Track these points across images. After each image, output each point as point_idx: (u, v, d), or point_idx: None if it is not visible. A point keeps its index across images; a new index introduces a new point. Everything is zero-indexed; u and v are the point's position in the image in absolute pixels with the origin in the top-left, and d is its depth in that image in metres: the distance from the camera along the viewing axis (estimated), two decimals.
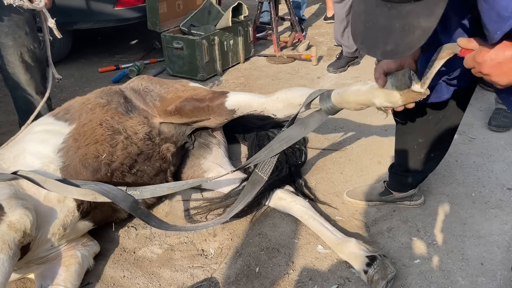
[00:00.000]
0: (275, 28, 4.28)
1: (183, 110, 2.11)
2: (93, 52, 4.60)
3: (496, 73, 1.08)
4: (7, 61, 2.05)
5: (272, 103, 1.92)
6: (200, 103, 2.08)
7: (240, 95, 2.05)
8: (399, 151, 1.93)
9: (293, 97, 1.83)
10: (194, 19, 3.98)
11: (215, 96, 2.08)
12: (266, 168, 1.87)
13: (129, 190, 1.83)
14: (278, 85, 3.58)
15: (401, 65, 1.40)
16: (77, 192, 1.73)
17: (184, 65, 3.74)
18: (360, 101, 1.53)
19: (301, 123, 1.75)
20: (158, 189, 1.90)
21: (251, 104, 1.99)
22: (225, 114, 2.06)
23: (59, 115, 2.05)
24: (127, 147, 1.98)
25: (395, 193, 2.06)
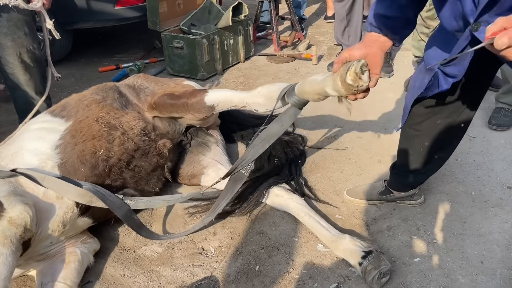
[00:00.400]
0: (275, 27, 4.28)
1: (161, 105, 2.12)
2: (94, 52, 4.60)
3: None
4: (6, 61, 2.05)
5: (252, 98, 1.91)
6: (178, 99, 2.09)
7: (220, 92, 2.06)
8: (404, 152, 1.92)
9: (272, 91, 1.80)
10: (194, 18, 3.98)
11: (194, 93, 2.08)
12: (248, 165, 1.85)
13: (125, 199, 1.84)
14: None
15: (365, 53, 1.38)
16: (75, 192, 1.73)
17: (184, 65, 3.74)
18: (315, 90, 1.49)
19: (278, 120, 1.71)
20: (153, 201, 1.91)
21: (232, 99, 1.98)
22: (204, 110, 2.05)
23: (56, 112, 2.04)
24: (124, 143, 1.98)
25: (396, 193, 2.06)
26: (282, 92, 1.70)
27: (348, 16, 3.58)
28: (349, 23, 3.61)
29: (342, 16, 3.60)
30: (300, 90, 1.58)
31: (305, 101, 1.63)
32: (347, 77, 1.30)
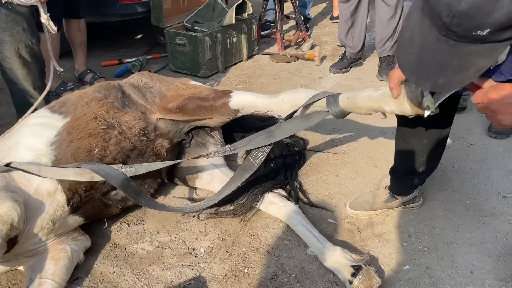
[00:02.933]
0: (279, 26, 4.26)
1: (185, 108, 2.11)
2: (97, 46, 4.61)
3: (502, 112, 1.14)
4: (4, 56, 2.06)
5: (277, 104, 1.93)
6: (204, 102, 2.08)
7: (244, 95, 2.05)
8: (402, 154, 1.92)
9: (298, 99, 1.84)
10: (198, 15, 3.98)
11: (219, 95, 2.07)
12: (259, 155, 1.86)
13: (124, 167, 1.82)
14: (279, 85, 3.57)
15: None
16: (73, 172, 1.73)
17: (187, 62, 3.74)
18: (371, 107, 1.54)
19: (305, 117, 1.74)
20: (153, 165, 1.89)
21: (256, 104, 2.00)
22: (228, 113, 2.06)
23: (55, 108, 2.05)
24: (120, 142, 1.98)
25: (400, 198, 2.05)
26: (312, 99, 1.71)
27: (352, 17, 3.56)
28: (353, 24, 3.59)
29: (346, 17, 3.58)
30: (351, 105, 1.60)
31: (348, 113, 1.65)
32: (424, 102, 1.32)
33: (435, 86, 1.09)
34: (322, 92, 1.75)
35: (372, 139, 2.68)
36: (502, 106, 1.14)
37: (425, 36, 1.04)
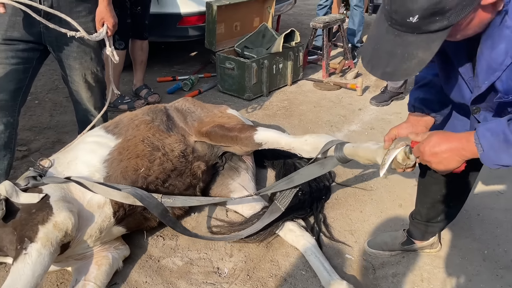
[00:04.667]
0: (326, 54, 4.41)
1: (213, 134, 2.35)
2: (155, 61, 4.95)
3: (434, 162, 1.30)
4: (73, 80, 2.37)
5: (299, 144, 2.12)
6: (230, 132, 2.30)
7: (269, 132, 2.25)
8: (422, 201, 2.01)
9: (319, 142, 2.03)
10: (249, 41, 4.21)
11: (245, 128, 2.29)
12: (284, 200, 2.11)
13: (164, 197, 2.08)
14: (318, 113, 3.71)
15: (412, 131, 1.53)
16: (119, 195, 1.99)
17: (234, 84, 3.98)
18: (367, 157, 1.70)
19: (321, 163, 1.94)
20: (189, 200, 2.15)
21: (279, 141, 2.19)
22: (251, 145, 2.27)
23: (109, 128, 2.33)
24: (163, 163, 2.22)
25: (417, 242, 2.13)
26: (326, 146, 1.93)
27: None
28: None
29: None
30: (352, 152, 1.80)
31: (349, 160, 1.85)
32: (398, 156, 1.48)
33: (385, 74, 1.21)
34: (337, 139, 1.96)
35: (400, 178, 2.76)
36: (431, 157, 1.29)
37: (379, 28, 1.19)
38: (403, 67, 1.15)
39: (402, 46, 1.13)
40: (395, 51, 1.14)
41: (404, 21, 1.09)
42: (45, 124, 3.48)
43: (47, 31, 2.16)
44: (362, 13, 4.79)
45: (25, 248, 1.68)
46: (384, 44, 1.17)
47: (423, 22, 1.07)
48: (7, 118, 2.20)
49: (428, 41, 1.11)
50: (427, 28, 1.08)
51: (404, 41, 1.13)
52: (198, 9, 3.98)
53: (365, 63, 1.25)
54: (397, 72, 1.17)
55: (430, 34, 1.09)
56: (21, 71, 2.20)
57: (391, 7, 1.10)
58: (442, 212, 1.96)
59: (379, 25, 1.19)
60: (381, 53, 1.18)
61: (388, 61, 1.17)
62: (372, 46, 1.21)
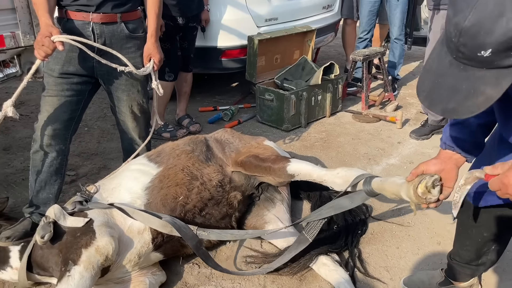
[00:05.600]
0: (365, 87, 4.43)
1: (247, 164, 2.41)
2: (197, 91, 5.13)
3: None
4: (120, 110, 2.52)
5: (331, 177, 2.14)
6: (263, 162, 2.36)
7: (302, 164, 2.28)
8: (461, 242, 1.95)
9: (351, 176, 2.03)
10: (288, 73, 4.30)
11: (278, 159, 2.34)
12: (312, 231, 2.12)
13: (199, 229, 2.15)
14: (357, 145, 3.71)
15: (441, 169, 1.51)
16: (158, 223, 2.08)
17: (272, 115, 4.06)
18: (393, 192, 1.69)
19: (350, 197, 1.95)
20: (223, 234, 2.20)
21: (311, 174, 2.21)
22: (284, 177, 2.32)
23: (152, 157, 2.45)
24: (201, 192, 2.30)
25: (455, 283, 2.06)
26: (357, 179, 1.95)
27: None
28: None
29: None
30: (379, 186, 1.80)
31: (377, 194, 1.85)
32: (418, 189, 1.48)
33: (446, 110, 1.11)
34: (368, 173, 1.96)
35: (439, 215, 2.69)
36: None
37: (440, 62, 1.11)
38: (468, 103, 1.07)
39: (468, 81, 1.06)
40: (460, 87, 1.07)
41: (474, 55, 1.01)
42: (92, 150, 3.68)
43: (99, 66, 2.34)
44: (402, 46, 4.80)
45: (68, 270, 1.79)
46: (446, 79, 1.10)
47: (496, 57, 0.99)
48: (60, 146, 2.36)
49: (499, 77, 1.03)
50: (499, 63, 1.01)
51: (470, 76, 1.05)
52: (240, 42, 4.13)
53: (422, 98, 1.17)
54: (460, 109, 1.08)
55: (501, 69, 1.02)
56: (74, 103, 2.37)
57: (459, 39, 1.02)
58: (483, 255, 1.88)
59: (441, 58, 1.11)
60: (442, 88, 1.11)
61: (451, 96, 1.09)
62: (432, 80, 1.14)
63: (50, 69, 2.30)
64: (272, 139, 3.63)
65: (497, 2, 0.94)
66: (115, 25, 2.32)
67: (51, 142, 2.32)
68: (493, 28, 0.95)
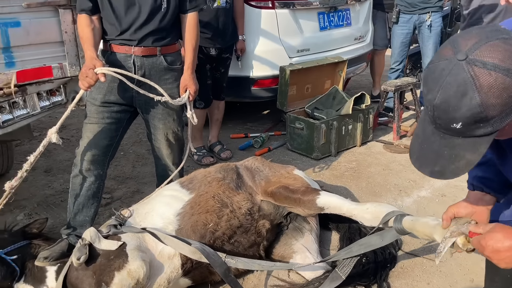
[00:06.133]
0: (397, 117, 4.41)
1: (277, 195, 2.43)
2: (229, 118, 5.23)
3: (495, 258, 1.23)
4: (155, 137, 2.63)
5: (361, 212, 2.15)
6: (293, 194, 2.38)
7: (332, 197, 2.30)
8: (490, 279, 1.90)
9: (380, 212, 2.03)
10: (319, 102, 4.35)
11: (308, 191, 2.36)
12: (345, 269, 2.13)
13: (227, 257, 2.18)
14: (387, 176, 3.68)
15: (472, 211, 1.50)
16: (188, 249, 2.13)
17: (302, 143, 4.10)
18: (425, 233, 1.68)
19: (380, 234, 1.93)
20: (251, 264, 2.22)
21: (341, 208, 2.23)
22: (313, 209, 2.33)
23: (184, 184, 2.52)
24: (231, 220, 2.34)
25: None
26: (387, 216, 1.94)
27: None
28: None
29: None
30: (411, 226, 1.79)
31: (408, 232, 1.83)
32: (458, 240, 1.44)
33: (433, 172, 1.19)
34: (398, 210, 1.96)
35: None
36: (492, 254, 1.23)
37: (424, 129, 1.19)
38: (451, 167, 1.16)
39: (448, 147, 1.15)
40: (442, 152, 1.16)
41: (448, 127, 1.11)
42: (127, 174, 3.81)
43: (138, 96, 2.46)
44: None
45: None
46: (431, 145, 1.19)
47: (467, 129, 1.08)
48: (98, 171, 2.48)
49: (475, 144, 1.12)
50: (471, 133, 1.09)
51: (450, 143, 1.14)
52: (272, 72, 4.23)
53: (413, 160, 1.27)
54: (445, 172, 1.18)
55: (475, 138, 1.10)
56: (114, 130, 2.50)
57: (433, 113, 1.12)
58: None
59: (425, 125, 1.21)
60: (428, 152, 1.20)
61: (436, 160, 1.19)
62: (420, 144, 1.23)
63: (92, 98, 2.44)
64: (302, 167, 3.66)
65: (460, 83, 1.04)
66: (154, 57, 2.46)
67: (90, 167, 2.44)
68: (459, 105, 1.04)
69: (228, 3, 3.74)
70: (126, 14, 2.36)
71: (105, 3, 2.34)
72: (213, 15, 3.66)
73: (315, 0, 4.36)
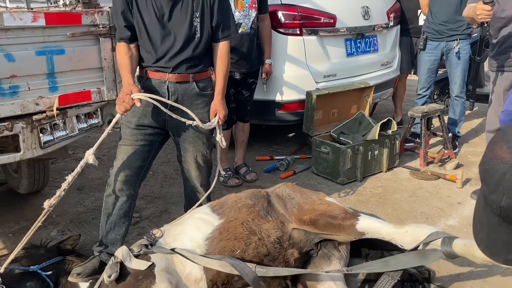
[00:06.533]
0: (424, 143, 4.38)
1: (317, 223, 2.43)
2: (255, 140, 5.30)
3: None
4: (185, 159, 2.72)
5: (400, 235, 2.15)
6: (333, 220, 2.38)
7: (371, 221, 2.31)
8: None
9: (421, 234, 2.02)
10: (345, 127, 4.38)
11: (347, 216, 2.36)
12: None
13: (257, 267, 2.20)
14: (414, 203, 3.65)
15: None
16: (218, 264, 2.17)
17: (328, 168, 4.12)
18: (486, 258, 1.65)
19: (422, 253, 1.92)
20: (281, 271, 2.25)
21: (381, 231, 2.23)
22: (354, 234, 2.33)
23: (215, 208, 2.57)
24: (258, 247, 2.36)
25: None
26: (430, 237, 1.93)
27: None
28: None
29: None
30: (467, 252, 1.75)
31: (458, 256, 1.81)
32: None
33: (507, 261, 1.17)
34: (442, 232, 1.93)
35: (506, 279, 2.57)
36: None
37: (490, 219, 1.16)
38: None
39: None
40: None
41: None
42: (156, 193, 3.90)
43: (170, 119, 2.57)
44: (464, 104, 4.74)
45: None
46: (500, 235, 1.16)
47: None
48: (130, 191, 2.57)
49: None
50: None
51: None
52: (298, 97, 4.30)
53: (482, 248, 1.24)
54: None
55: None
56: (146, 151, 2.60)
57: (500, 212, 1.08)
58: None
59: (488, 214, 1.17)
60: (498, 242, 1.18)
61: (508, 250, 1.16)
62: (486, 234, 1.20)
63: (127, 121, 2.56)
64: (327, 191, 3.67)
65: None
66: (187, 84, 2.57)
67: (123, 187, 2.54)
68: None
69: (253, 28, 3.83)
70: (162, 43, 2.48)
71: (143, 32, 2.48)
72: (238, 40, 3.76)
73: (342, 27, 4.44)
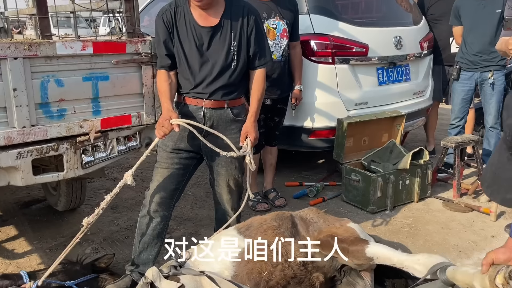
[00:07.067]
0: (457, 174, 4.31)
1: (324, 244, 2.46)
2: (284, 165, 5.33)
3: None
4: (217, 183, 2.79)
5: (411, 263, 2.15)
6: (340, 243, 2.40)
7: (381, 247, 2.31)
8: None
9: (431, 263, 2.03)
10: (376, 155, 4.37)
11: (356, 241, 2.38)
12: None
13: None
14: (446, 235, 3.57)
15: (510, 257, 1.49)
16: None
17: (358, 196, 4.10)
18: (465, 281, 1.70)
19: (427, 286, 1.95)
20: None
21: (391, 258, 2.23)
22: (362, 259, 2.33)
23: (241, 230, 2.62)
24: (285, 270, 2.39)
25: None
26: (435, 267, 1.95)
27: None
28: None
29: None
30: (452, 275, 1.81)
31: (453, 283, 1.83)
32: (496, 279, 1.48)
33: (505, 200, 1.20)
34: (448, 262, 1.96)
35: None
36: None
37: (500, 156, 1.19)
38: None
39: None
40: None
41: None
42: (186, 215, 3.98)
43: (205, 144, 2.65)
44: (498, 135, 4.64)
45: None
46: (505, 172, 1.19)
47: None
48: (164, 212, 2.65)
49: None
50: None
51: None
52: (329, 124, 4.33)
53: (484, 187, 1.30)
54: None
55: None
56: (181, 175, 2.69)
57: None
58: None
59: (501, 153, 1.22)
60: (502, 180, 1.20)
61: (508, 188, 1.19)
62: (493, 171, 1.25)
63: (164, 144, 2.66)
64: (357, 220, 3.65)
65: None
66: (222, 110, 2.66)
67: (157, 209, 2.62)
68: None
69: (283, 56, 3.92)
70: (200, 70, 2.59)
71: (182, 60, 2.60)
72: (269, 68, 3.83)
73: (374, 57, 4.49)
